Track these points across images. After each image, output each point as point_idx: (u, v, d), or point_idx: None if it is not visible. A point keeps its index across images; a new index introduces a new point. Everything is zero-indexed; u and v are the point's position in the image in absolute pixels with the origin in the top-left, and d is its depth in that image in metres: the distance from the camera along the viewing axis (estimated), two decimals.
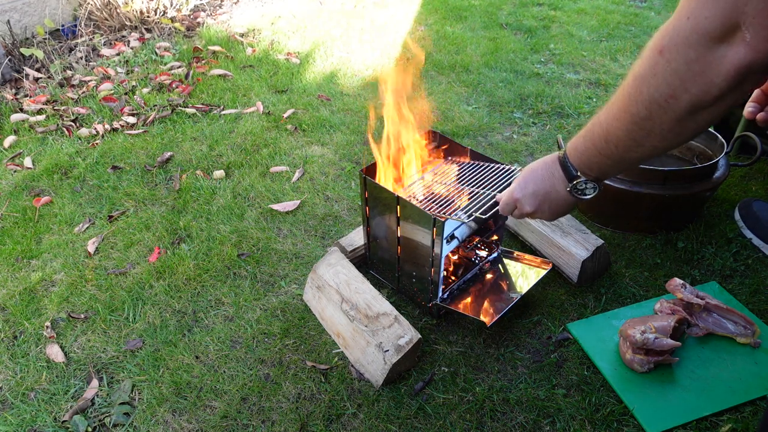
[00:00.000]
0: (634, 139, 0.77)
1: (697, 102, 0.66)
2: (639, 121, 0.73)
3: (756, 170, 1.94)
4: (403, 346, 1.26)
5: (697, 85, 0.64)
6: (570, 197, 0.96)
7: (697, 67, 0.63)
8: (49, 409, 1.30)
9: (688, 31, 0.62)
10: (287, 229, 1.81)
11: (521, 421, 1.22)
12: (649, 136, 0.74)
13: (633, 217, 1.67)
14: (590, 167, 0.89)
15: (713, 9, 0.59)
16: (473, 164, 1.44)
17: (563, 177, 0.94)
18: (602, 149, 0.83)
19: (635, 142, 0.77)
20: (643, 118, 0.72)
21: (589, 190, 0.93)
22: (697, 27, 0.61)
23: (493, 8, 3.58)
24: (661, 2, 3.66)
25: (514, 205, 1.07)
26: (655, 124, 0.72)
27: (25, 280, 1.66)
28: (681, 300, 1.37)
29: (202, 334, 1.46)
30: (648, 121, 0.72)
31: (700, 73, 0.63)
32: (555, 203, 0.99)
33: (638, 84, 0.71)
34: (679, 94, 0.66)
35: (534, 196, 1.01)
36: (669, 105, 0.68)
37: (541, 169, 0.99)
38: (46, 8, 3.22)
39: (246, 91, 2.66)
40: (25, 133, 2.39)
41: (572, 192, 0.94)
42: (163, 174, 2.09)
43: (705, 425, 1.19)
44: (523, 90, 2.59)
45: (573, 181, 0.93)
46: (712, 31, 0.60)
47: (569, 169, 0.92)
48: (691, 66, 0.63)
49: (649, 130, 0.74)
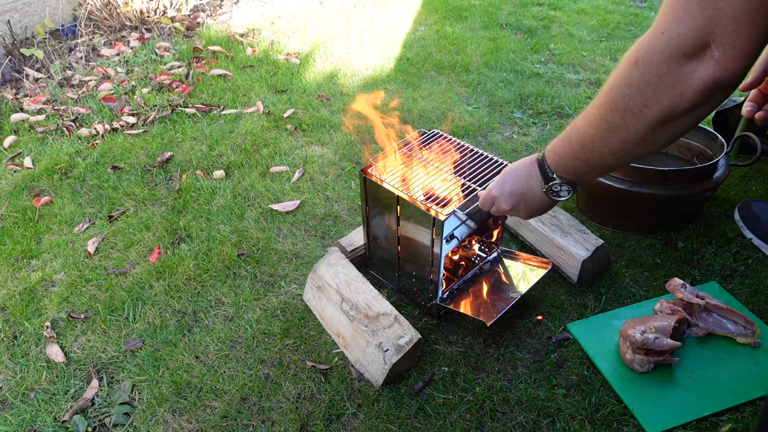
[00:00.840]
0: (609, 146, 0.80)
1: (669, 113, 0.69)
2: (614, 128, 0.77)
3: (756, 170, 1.94)
4: (403, 346, 1.26)
5: (668, 97, 0.68)
6: (546, 198, 0.99)
7: (668, 80, 0.66)
8: (49, 409, 1.30)
9: (662, 46, 0.65)
10: (287, 229, 1.81)
11: (521, 421, 1.22)
12: (624, 143, 0.77)
13: (633, 217, 1.67)
14: (566, 170, 0.92)
15: (686, 26, 0.62)
16: (470, 154, 1.43)
17: (540, 178, 0.97)
18: (578, 154, 0.86)
19: (609, 149, 0.80)
20: (618, 126, 0.76)
21: (564, 192, 0.95)
22: (671, 42, 0.64)
23: (493, 8, 3.58)
24: (660, 2, 3.66)
25: (492, 202, 1.10)
26: (629, 133, 0.75)
27: (25, 280, 1.66)
28: (681, 300, 1.37)
29: (202, 334, 1.46)
30: (622, 129, 0.76)
31: (671, 86, 0.67)
32: (531, 203, 1.02)
33: (613, 93, 0.74)
34: (651, 104, 0.70)
35: (511, 195, 1.04)
36: (642, 114, 0.72)
37: (520, 169, 1.02)
38: (46, 8, 3.22)
39: (246, 91, 2.66)
40: (25, 133, 2.39)
41: (548, 193, 0.97)
42: (163, 174, 2.09)
43: (705, 425, 1.19)
44: (523, 90, 2.59)
45: (549, 183, 0.95)
46: (684, 48, 0.64)
47: (546, 171, 0.95)
48: (663, 79, 0.67)
49: (623, 138, 0.77)
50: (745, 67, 0.63)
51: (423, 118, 2.40)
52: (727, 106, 1.94)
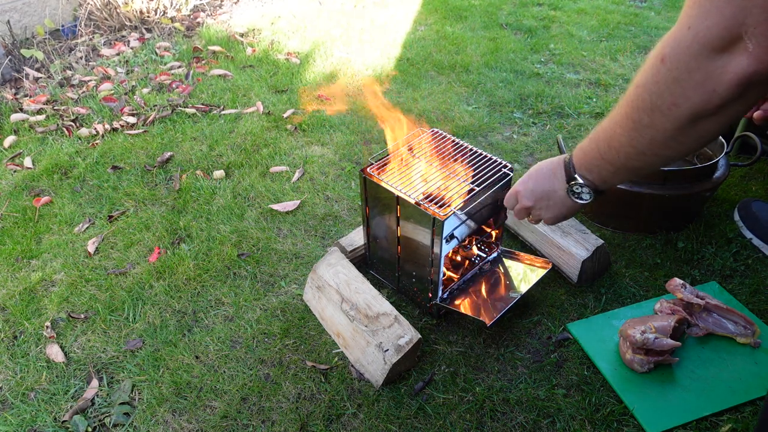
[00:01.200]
0: (636, 147, 0.77)
1: (699, 110, 0.66)
2: (641, 128, 0.74)
3: (756, 170, 1.94)
4: (403, 346, 1.26)
5: (698, 94, 0.64)
6: (568, 199, 0.97)
7: (698, 76, 0.63)
8: (49, 409, 1.30)
9: (689, 41, 0.63)
10: (287, 229, 1.81)
11: (521, 421, 1.22)
12: (652, 144, 0.75)
13: (633, 217, 1.67)
14: (590, 170, 0.90)
15: (714, 19, 0.60)
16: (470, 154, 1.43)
17: (564, 177, 0.95)
18: (604, 153, 0.84)
19: (636, 150, 0.77)
20: (646, 125, 0.73)
21: (585, 194, 0.94)
22: (698, 37, 0.61)
23: (493, 8, 3.58)
24: (661, 2, 3.66)
25: (516, 198, 1.09)
26: (657, 132, 0.72)
27: (25, 280, 1.66)
28: (681, 300, 1.37)
29: (202, 334, 1.46)
30: (649, 128, 0.73)
31: (701, 82, 0.63)
32: (553, 203, 1.01)
33: (640, 92, 0.71)
34: (680, 102, 0.67)
35: (533, 192, 1.03)
36: (671, 112, 0.68)
37: (546, 167, 1.01)
38: (46, 8, 3.22)
39: (246, 91, 2.66)
40: (25, 133, 2.39)
41: (569, 194, 0.95)
42: (163, 174, 2.09)
43: (705, 425, 1.19)
44: (523, 90, 2.59)
45: (570, 182, 0.93)
46: (713, 41, 0.61)
47: (570, 169, 0.93)
48: (693, 75, 0.64)
49: (651, 138, 0.74)
50: None
51: (423, 118, 2.40)
52: None
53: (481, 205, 1.31)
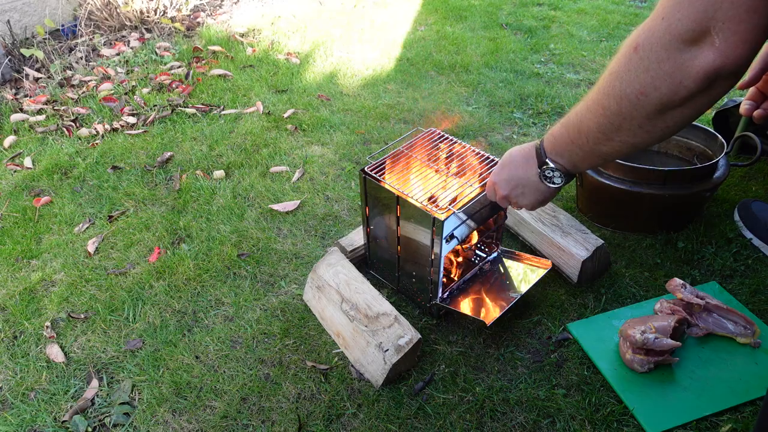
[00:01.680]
0: (604, 133, 0.79)
1: (666, 101, 0.68)
2: (610, 115, 0.75)
3: (756, 170, 1.94)
4: (403, 346, 1.26)
5: (666, 84, 0.66)
6: (541, 184, 0.98)
7: (667, 67, 0.65)
8: (49, 409, 1.30)
9: (661, 32, 0.64)
10: (287, 229, 1.81)
11: (521, 421, 1.22)
12: (619, 131, 0.76)
13: (633, 217, 1.67)
14: (561, 154, 0.91)
15: (686, 11, 0.61)
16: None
17: (536, 161, 0.96)
18: (574, 138, 0.85)
19: (605, 136, 0.79)
20: (614, 112, 0.74)
21: (557, 178, 0.94)
22: (670, 28, 0.63)
23: (493, 8, 3.58)
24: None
25: (493, 189, 1.10)
26: (625, 120, 0.74)
27: (25, 280, 1.66)
28: (681, 300, 1.37)
29: (202, 334, 1.46)
30: (618, 116, 0.74)
31: (670, 73, 0.65)
32: (528, 189, 1.02)
33: (612, 79, 0.73)
34: (649, 91, 0.68)
35: (508, 180, 1.04)
36: (639, 101, 0.70)
37: (518, 154, 1.02)
38: (46, 8, 3.22)
39: (246, 91, 2.66)
40: (25, 133, 2.39)
41: (541, 178, 0.96)
42: (163, 174, 2.09)
43: (705, 425, 1.19)
44: (523, 90, 2.59)
45: (542, 167, 0.94)
46: (683, 33, 0.62)
47: (541, 154, 0.94)
48: (662, 65, 0.65)
49: (619, 125, 0.75)
50: (747, 56, 0.61)
51: (423, 118, 2.40)
52: (728, 106, 1.94)
53: (480, 205, 1.31)
